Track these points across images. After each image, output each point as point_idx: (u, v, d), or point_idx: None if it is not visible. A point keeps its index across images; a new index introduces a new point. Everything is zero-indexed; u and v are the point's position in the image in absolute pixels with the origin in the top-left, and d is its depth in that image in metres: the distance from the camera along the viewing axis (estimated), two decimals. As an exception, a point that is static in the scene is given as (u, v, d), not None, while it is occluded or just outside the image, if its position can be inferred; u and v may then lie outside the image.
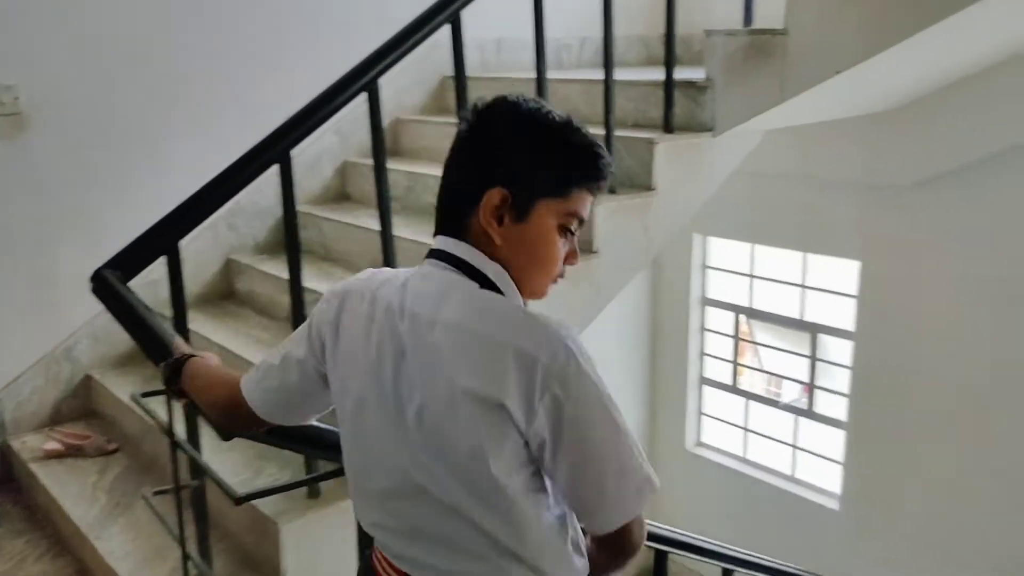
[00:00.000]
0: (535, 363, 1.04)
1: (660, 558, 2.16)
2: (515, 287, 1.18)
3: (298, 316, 2.01)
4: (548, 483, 1.13)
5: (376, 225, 2.22)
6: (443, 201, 1.21)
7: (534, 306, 1.19)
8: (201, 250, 3.18)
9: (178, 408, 1.56)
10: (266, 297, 3.05)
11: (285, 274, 2.05)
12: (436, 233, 1.21)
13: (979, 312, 4.15)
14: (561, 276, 1.22)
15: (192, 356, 1.46)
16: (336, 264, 3.12)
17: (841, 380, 4.85)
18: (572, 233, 1.20)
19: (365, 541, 1.36)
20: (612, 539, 1.16)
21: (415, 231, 2.91)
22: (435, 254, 1.18)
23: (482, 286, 1.14)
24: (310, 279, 2.86)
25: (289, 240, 1.99)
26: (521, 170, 1.15)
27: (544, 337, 1.07)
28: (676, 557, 2.25)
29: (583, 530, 1.18)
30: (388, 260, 2.16)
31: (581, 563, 1.17)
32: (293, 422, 1.36)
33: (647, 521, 1.20)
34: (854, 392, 4.73)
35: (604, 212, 2.62)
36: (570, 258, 1.22)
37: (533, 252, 1.17)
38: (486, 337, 1.08)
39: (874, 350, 4.60)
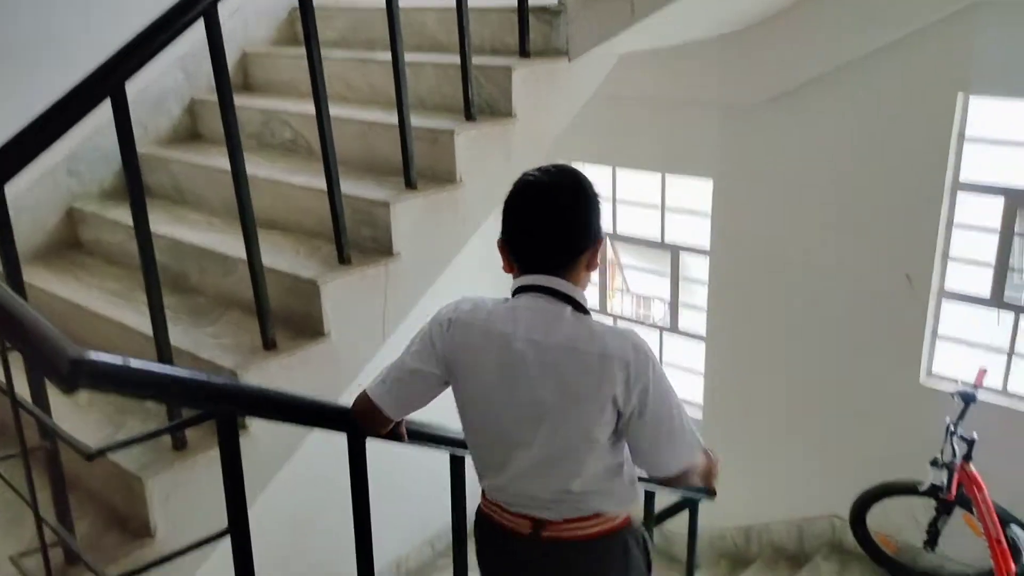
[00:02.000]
0: (627, 364, 1.57)
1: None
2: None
3: (148, 265, 1.90)
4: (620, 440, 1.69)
5: (228, 164, 2.12)
6: (540, 249, 1.64)
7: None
8: (40, 199, 2.95)
9: (18, 365, 1.47)
10: (116, 246, 2.88)
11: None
12: (527, 271, 1.65)
13: (820, 220, 4.42)
14: None
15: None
16: (190, 207, 2.97)
17: (702, 296, 5.09)
18: None
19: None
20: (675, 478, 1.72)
21: (272, 170, 2.81)
22: (536, 288, 1.64)
23: (575, 309, 1.63)
24: (162, 224, 2.73)
25: (131, 182, 1.87)
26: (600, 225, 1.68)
27: (629, 344, 1.59)
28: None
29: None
30: (243, 202, 2.07)
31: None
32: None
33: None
34: (711, 306, 4.97)
35: (465, 141, 2.60)
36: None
37: None
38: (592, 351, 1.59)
39: (727, 265, 4.84)
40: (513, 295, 1.69)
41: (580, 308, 1.64)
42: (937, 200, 4.06)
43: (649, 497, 2.87)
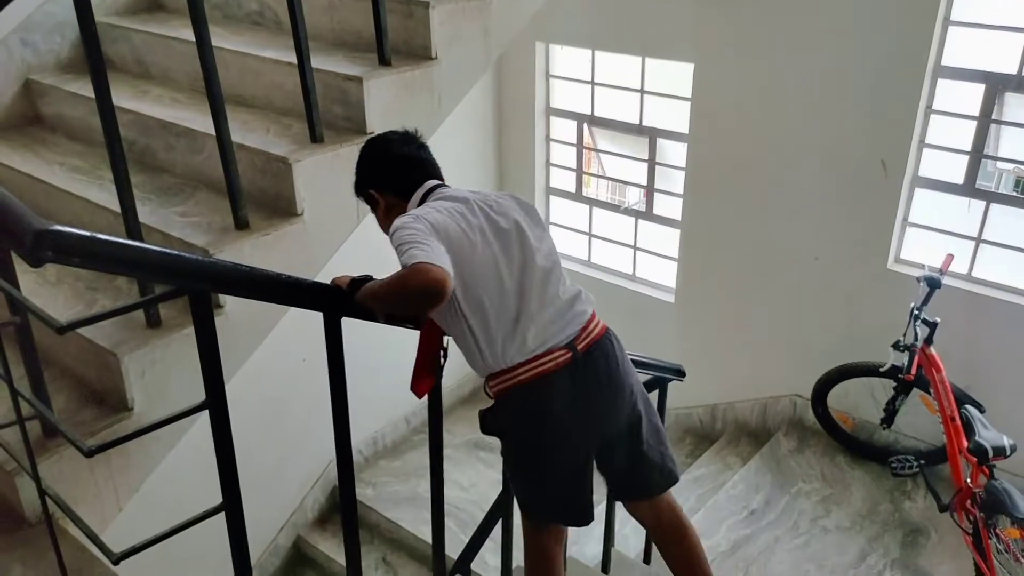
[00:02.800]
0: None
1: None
2: None
3: (113, 139, 1.84)
4: None
5: (193, 35, 2.02)
6: (431, 166, 2.12)
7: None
8: (-7, 71, 2.84)
9: (-17, 240, 1.44)
10: (79, 121, 2.79)
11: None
12: (418, 186, 2.06)
13: (799, 105, 4.38)
14: None
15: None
16: (154, 82, 2.86)
17: (678, 182, 5.07)
18: None
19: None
20: None
21: (239, 43, 2.70)
22: (440, 186, 2.09)
23: None
24: (125, 99, 2.64)
25: (90, 52, 1.78)
26: None
27: None
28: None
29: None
30: (209, 75, 1.99)
31: None
32: None
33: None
34: (687, 192, 4.97)
35: (441, 16, 2.51)
36: None
37: None
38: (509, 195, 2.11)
39: (704, 150, 4.80)
40: (421, 204, 2.02)
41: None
42: (917, 85, 4.02)
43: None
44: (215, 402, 1.48)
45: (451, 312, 1.92)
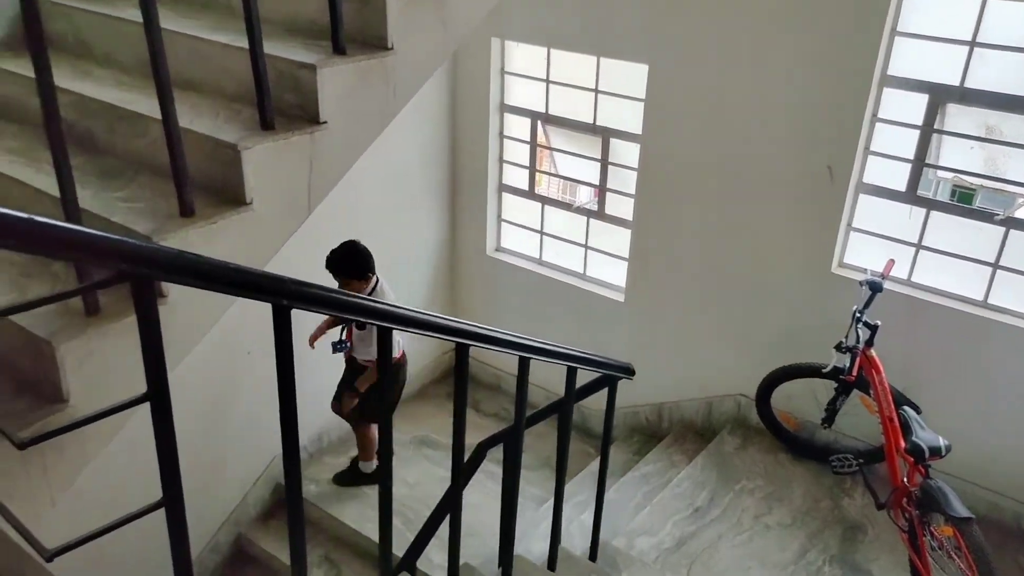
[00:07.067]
0: None
1: (461, 350, 2.24)
2: None
3: (52, 121, 1.76)
4: None
5: (140, 16, 1.95)
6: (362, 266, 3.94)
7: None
8: (-75, 47, 2.70)
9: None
10: (15, 101, 2.67)
11: (33, 73, 1.77)
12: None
13: (750, 108, 4.44)
14: None
15: None
16: (96, 62, 2.76)
17: (630, 182, 5.10)
18: None
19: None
20: None
21: (187, 25, 2.62)
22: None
23: None
24: (65, 79, 2.54)
25: (30, 25, 1.71)
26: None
27: None
28: (480, 354, 2.36)
29: None
30: (156, 55, 1.92)
31: None
32: None
33: None
34: (639, 193, 5.00)
35: (398, 4, 2.46)
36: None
37: None
38: None
39: (657, 152, 4.84)
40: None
41: None
42: (864, 93, 4.10)
43: (571, 373, 2.95)
44: (157, 395, 1.42)
45: None
